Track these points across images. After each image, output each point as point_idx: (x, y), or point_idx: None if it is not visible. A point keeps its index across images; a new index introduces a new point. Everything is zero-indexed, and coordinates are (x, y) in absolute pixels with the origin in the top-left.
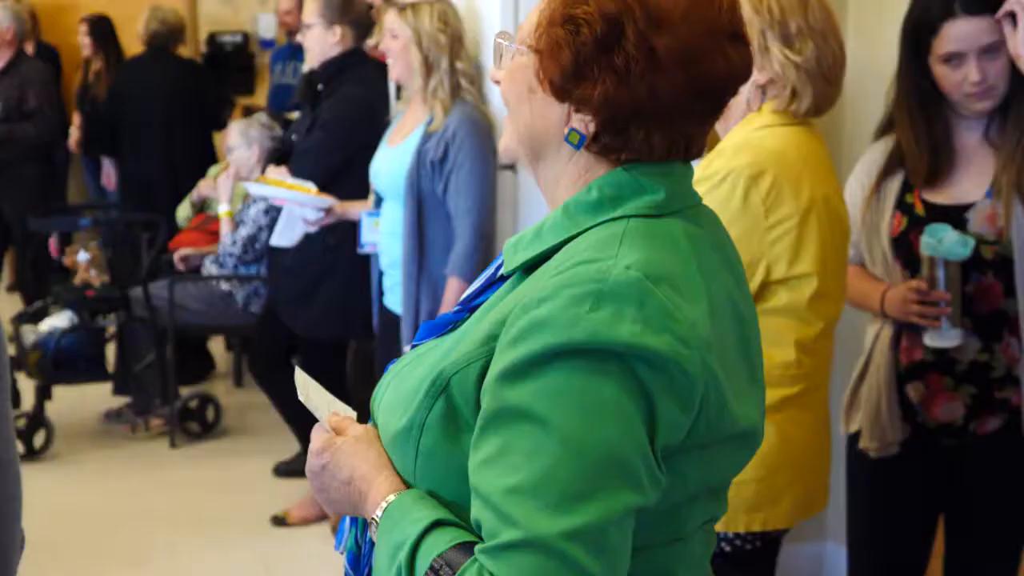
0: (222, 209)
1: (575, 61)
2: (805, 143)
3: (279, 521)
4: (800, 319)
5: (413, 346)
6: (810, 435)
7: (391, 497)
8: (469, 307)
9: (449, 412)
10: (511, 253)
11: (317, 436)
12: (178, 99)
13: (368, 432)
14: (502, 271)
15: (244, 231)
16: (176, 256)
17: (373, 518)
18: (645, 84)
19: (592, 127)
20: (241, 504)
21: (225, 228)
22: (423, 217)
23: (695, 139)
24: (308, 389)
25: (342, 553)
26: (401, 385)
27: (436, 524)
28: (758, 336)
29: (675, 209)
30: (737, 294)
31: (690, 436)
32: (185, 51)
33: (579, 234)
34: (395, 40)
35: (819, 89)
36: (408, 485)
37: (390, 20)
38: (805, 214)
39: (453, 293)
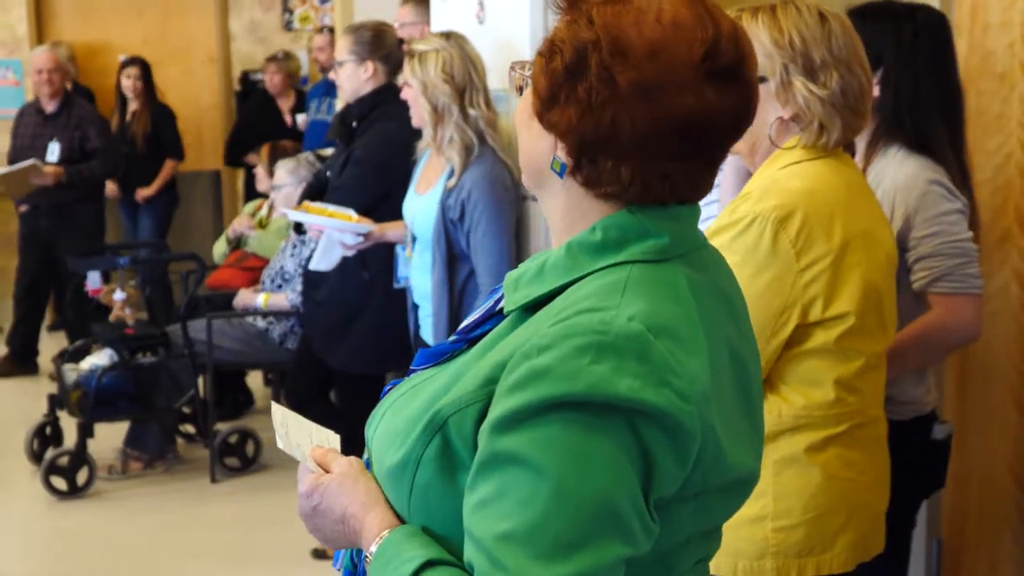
0: (260, 299)
1: (549, 88)
2: (835, 177)
3: (320, 554)
4: (838, 357)
5: (410, 372)
6: (861, 474)
7: (384, 534)
8: (467, 338)
9: (445, 450)
10: (511, 290)
11: (304, 478)
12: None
13: (353, 467)
14: (501, 306)
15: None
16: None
17: (368, 553)
18: (608, 115)
19: (567, 156)
20: (282, 538)
21: (278, 299)
22: (454, 268)
23: (676, 179)
24: (287, 424)
25: (339, 571)
26: (397, 415)
27: (428, 564)
28: (759, 378)
29: (678, 253)
30: (738, 339)
31: (685, 487)
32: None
33: (581, 277)
34: (410, 89)
35: (847, 121)
36: (401, 518)
37: (404, 68)
38: (839, 253)
39: None
